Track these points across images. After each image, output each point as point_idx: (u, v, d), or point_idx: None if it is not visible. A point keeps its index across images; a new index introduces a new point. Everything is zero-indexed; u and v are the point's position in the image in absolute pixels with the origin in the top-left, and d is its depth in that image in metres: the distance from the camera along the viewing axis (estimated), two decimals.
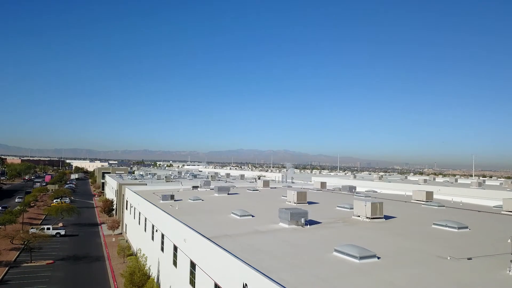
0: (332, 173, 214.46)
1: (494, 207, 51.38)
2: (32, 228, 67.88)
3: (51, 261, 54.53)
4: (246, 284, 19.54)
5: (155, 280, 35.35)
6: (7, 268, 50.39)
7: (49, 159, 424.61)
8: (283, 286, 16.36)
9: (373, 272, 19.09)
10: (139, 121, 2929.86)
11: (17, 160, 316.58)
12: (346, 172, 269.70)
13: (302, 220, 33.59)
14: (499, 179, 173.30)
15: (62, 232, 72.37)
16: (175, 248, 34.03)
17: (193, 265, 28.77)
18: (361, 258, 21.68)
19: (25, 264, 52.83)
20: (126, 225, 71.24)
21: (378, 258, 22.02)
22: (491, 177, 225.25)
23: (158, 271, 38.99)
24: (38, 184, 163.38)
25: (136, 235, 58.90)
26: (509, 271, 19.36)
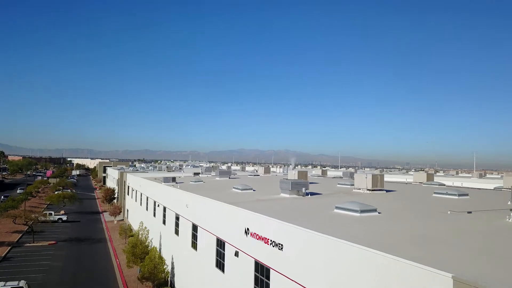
0: (333, 169, 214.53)
1: (494, 188, 51.52)
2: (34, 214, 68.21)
3: (53, 242, 54.82)
4: (248, 228, 19.78)
5: (157, 249, 35.58)
6: (9, 247, 50.68)
7: (50, 157, 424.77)
8: (281, 220, 16.59)
9: (374, 223, 19.13)
10: (140, 121, 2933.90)
11: (18, 158, 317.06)
12: (347, 168, 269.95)
13: (303, 190, 33.74)
14: (500, 174, 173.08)
15: (64, 218, 72.70)
16: (177, 217, 34.28)
17: (194, 228, 29.02)
18: (362, 211, 21.78)
19: (28, 244, 53.12)
20: (127, 210, 71.49)
21: (379, 213, 22.18)
22: (492, 173, 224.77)
23: (160, 244, 39.24)
24: (40, 178, 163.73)
25: (137, 217, 59.14)
26: (509, 219, 19.53)
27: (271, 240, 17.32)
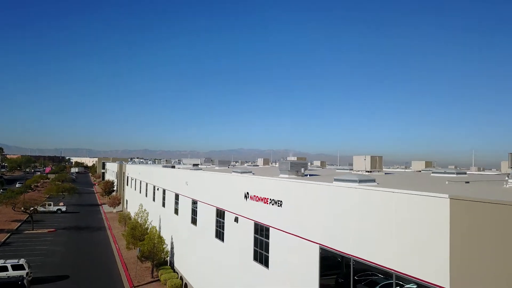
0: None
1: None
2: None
3: (52, 230, 54.89)
4: (247, 193, 19.94)
5: (157, 229, 35.71)
6: (9, 234, 50.75)
7: (49, 156, 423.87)
8: (275, 178, 16.74)
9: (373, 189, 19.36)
10: (139, 122, 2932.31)
11: (17, 156, 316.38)
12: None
13: (302, 170, 33.86)
14: (498, 171, 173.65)
15: (63, 208, 72.73)
16: (176, 197, 34.43)
17: (194, 204, 29.17)
18: (361, 182, 21.96)
19: (27, 232, 53.19)
20: (126, 201, 71.55)
21: (378, 183, 22.34)
22: (491, 169, 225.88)
23: (160, 227, 39.34)
24: (39, 173, 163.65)
25: (137, 205, 59.13)
26: (506, 185, 19.69)
27: (270, 199, 17.50)
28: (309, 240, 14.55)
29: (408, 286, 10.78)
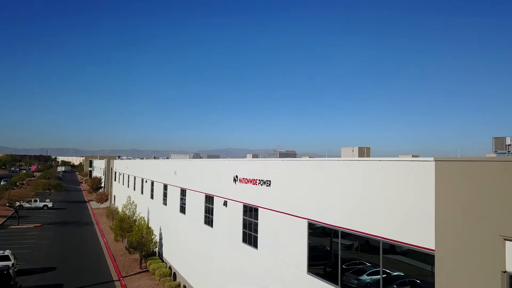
0: None
1: None
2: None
3: (39, 224, 54.14)
4: (236, 176, 20.00)
5: (146, 220, 35.55)
6: None
7: (35, 155, 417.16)
8: (264, 159, 16.81)
9: None
10: (127, 121, 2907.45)
11: (1, 155, 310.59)
12: None
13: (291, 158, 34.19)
14: None
15: (50, 205, 71.73)
16: (165, 187, 34.32)
17: (183, 192, 29.11)
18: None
19: (12, 227, 52.33)
20: (114, 196, 70.90)
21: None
22: None
23: (148, 219, 39.13)
24: (24, 171, 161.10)
25: (125, 200, 58.82)
26: None
27: (259, 180, 17.58)
28: (297, 216, 14.69)
29: (396, 273, 10.97)
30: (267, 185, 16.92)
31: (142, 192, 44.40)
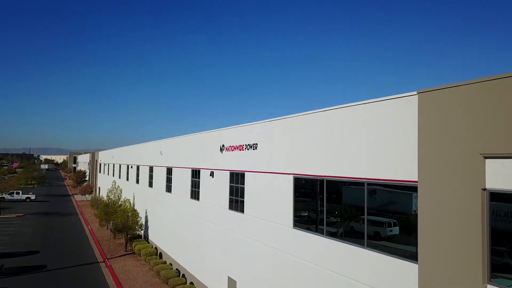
0: None
1: None
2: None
3: (21, 214, 53.16)
4: (223, 145, 19.99)
5: (131, 203, 35.25)
6: None
7: (17, 154, 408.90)
8: (251, 123, 16.88)
9: None
10: (113, 119, 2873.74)
11: None
12: None
13: None
14: None
15: (33, 197, 70.46)
16: (151, 169, 34.09)
17: (169, 171, 28.96)
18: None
19: None
20: (99, 188, 70.04)
21: None
22: None
23: (134, 203, 38.79)
24: (6, 167, 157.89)
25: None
26: None
27: (246, 145, 17.60)
28: (283, 173, 14.76)
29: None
30: (253, 149, 16.95)
31: (127, 179, 43.98)
